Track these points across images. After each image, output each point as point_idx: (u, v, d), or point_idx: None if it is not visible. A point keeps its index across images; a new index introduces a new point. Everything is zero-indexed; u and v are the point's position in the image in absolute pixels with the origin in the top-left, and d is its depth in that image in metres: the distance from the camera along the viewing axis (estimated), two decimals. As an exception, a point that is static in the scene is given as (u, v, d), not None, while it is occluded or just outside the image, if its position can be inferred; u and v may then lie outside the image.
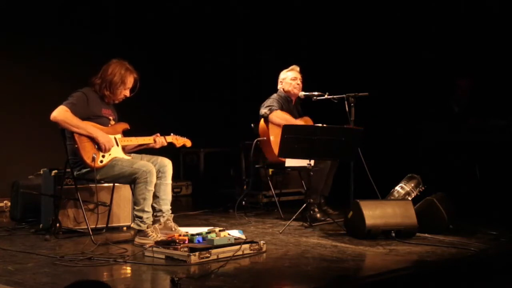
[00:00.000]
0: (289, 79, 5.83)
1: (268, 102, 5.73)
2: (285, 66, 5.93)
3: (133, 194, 4.55)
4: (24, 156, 6.50)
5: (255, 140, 5.71)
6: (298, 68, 5.87)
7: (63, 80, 6.55)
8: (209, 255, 3.70)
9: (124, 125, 4.70)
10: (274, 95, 5.84)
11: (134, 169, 4.39)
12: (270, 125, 5.64)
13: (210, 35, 8.22)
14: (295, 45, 7.58)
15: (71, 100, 4.48)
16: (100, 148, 4.43)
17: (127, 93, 4.68)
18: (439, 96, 6.44)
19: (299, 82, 5.82)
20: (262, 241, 4.06)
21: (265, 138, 5.65)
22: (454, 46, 6.52)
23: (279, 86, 5.89)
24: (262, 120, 5.72)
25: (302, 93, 5.75)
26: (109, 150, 4.47)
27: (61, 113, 4.39)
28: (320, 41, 7.44)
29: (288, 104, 5.85)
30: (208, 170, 8.09)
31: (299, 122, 5.79)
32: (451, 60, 6.51)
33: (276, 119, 5.60)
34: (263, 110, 5.67)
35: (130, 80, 4.65)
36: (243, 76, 8.19)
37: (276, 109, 5.64)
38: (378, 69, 6.96)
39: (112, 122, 4.67)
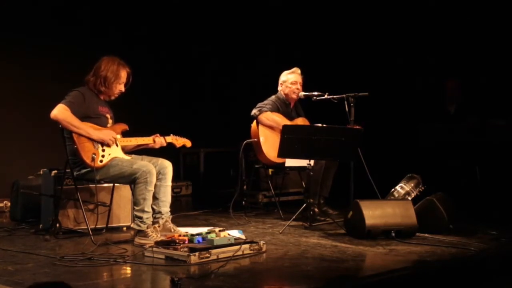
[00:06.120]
0: (289, 82, 5.77)
1: (261, 103, 5.72)
2: (285, 66, 5.92)
3: (133, 194, 4.55)
4: (24, 156, 6.50)
5: (244, 142, 5.68)
6: (299, 71, 5.81)
7: (62, 80, 6.51)
8: (209, 255, 3.70)
9: (123, 126, 4.69)
10: (272, 97, 5.82)
11: (134, 169, 4.39)
12: (260, 127, 5.62)
13: (211, 35, 8.22)
14: (295, 45, 7.57)
15: (69, 99, 4.48)
16: (107, 145, 4.44)
17: (122, 88, 4.68)
18: (435, 97, 6.44)
19: (299, 86, 5.76)
20: (262, 241, 4.06)
21: (256, 139, 5.63)
22: (454, 45, 6.52)
23: (279, 88, 5.86)
24: (254, 122, 5.70)
25: (302, 93, 5.72)
26: (114, 141, 4.48)
27: (61, 112, 4.39)
28: (320, 41, 7.43)
29: (286, 107, 5.82)
30: (208, 170, 8.09)
31: (291, 123, 5.72)
32: (451, 59, 6.50)
33: (265, 120, 5.59)
34: (254, 111, 5.66)
35: (123, 75, 4.65)
36: (243, 76, 8.18)
37: (267, 111, 5.61)
38: (378, 69, 6.95)
39: (110, 121, 4.68)
